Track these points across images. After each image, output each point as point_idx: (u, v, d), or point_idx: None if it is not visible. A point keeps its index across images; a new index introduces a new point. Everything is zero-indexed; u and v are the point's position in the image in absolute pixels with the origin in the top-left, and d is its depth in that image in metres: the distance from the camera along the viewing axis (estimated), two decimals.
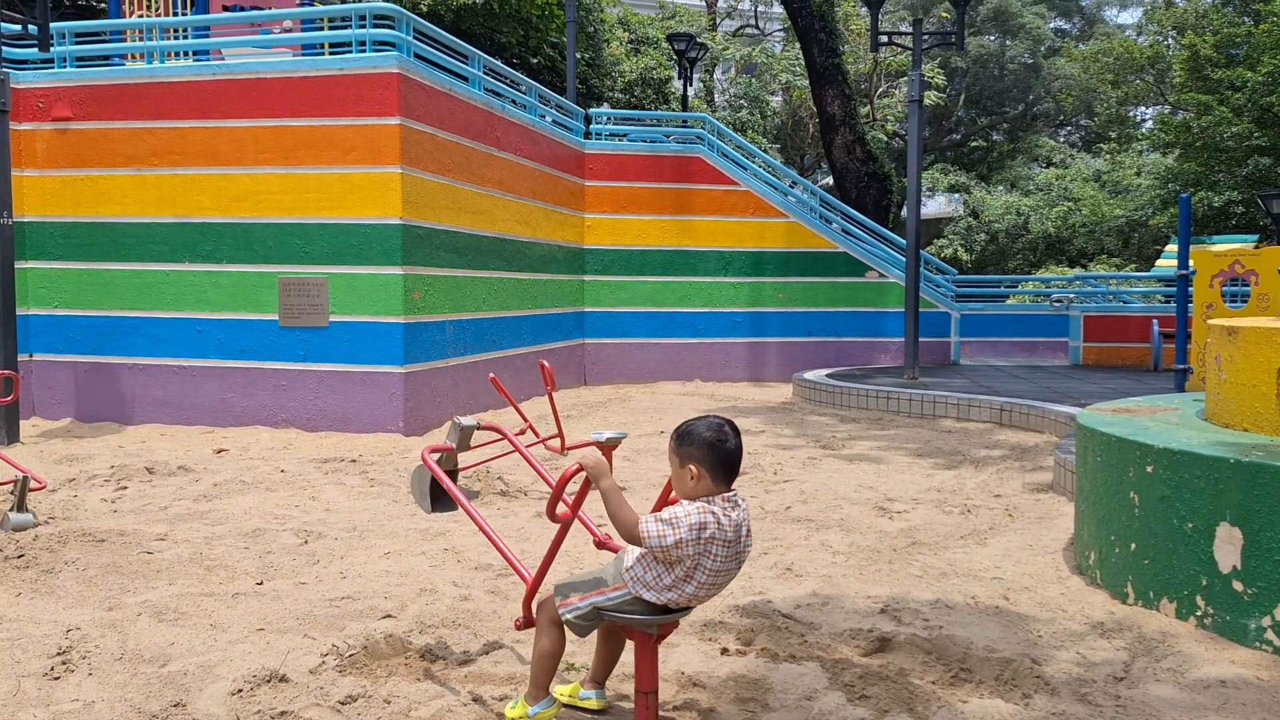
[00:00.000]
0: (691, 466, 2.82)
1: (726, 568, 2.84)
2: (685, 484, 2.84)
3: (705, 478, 2.82)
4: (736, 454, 2.85)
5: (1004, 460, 7.85)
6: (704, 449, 2.82)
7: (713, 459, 2.81)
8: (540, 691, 3.08)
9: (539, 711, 3.06)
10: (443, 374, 9.93)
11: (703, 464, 2.81)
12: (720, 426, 2.85)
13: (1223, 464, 3.76)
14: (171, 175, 9.52)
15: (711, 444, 2.81)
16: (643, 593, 2.87)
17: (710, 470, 2.81)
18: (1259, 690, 3.31)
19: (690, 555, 2.77)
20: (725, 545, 2.80)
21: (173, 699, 3.31)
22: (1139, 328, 15.53)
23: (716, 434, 2.83)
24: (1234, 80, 23.81)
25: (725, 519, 2.80)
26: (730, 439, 2.84)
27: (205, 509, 6.19)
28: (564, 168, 13.62)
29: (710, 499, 2.82)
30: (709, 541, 2.78)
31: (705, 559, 2.79)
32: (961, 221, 37.94)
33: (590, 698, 3.20)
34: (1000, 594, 4.40)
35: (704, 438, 2.82)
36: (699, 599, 2.88)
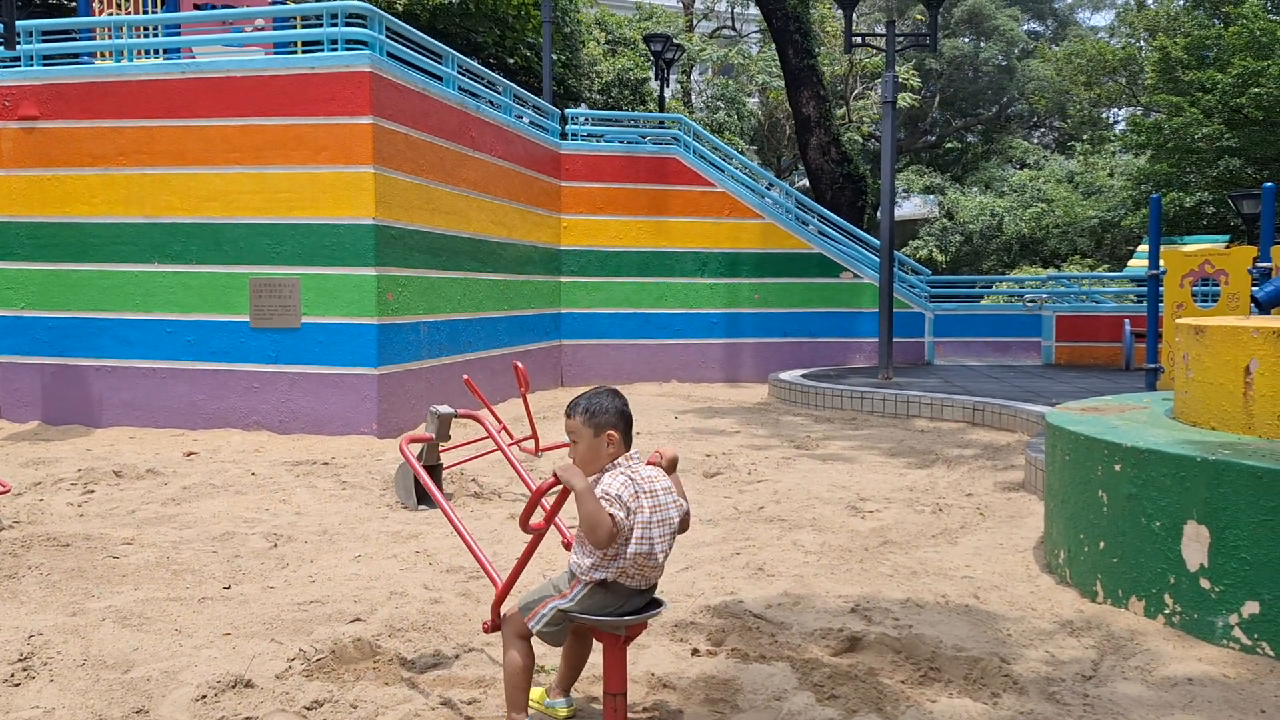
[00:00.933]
0: (610, 433, 2.96)
1: (656, 519, 2.87)
2: (601, 453, 2.95)
3: (619, 442, 2.97)
4: (628, 409, 3.04)
5: (976, 459, 7.88)
6: (616, 416, 2.98)
7: (624, 424, 2.99)
8: (516, 710, 3.02)
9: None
10: (417, 376, 9.88)
11: (617, 430, 2.97)
12: (615, 392, 3.04)
13: (1189, 462, 3.78)
14: (140, 175, 9.41)
15: (619, 410, 2.99)
16: (595, 575, 2.87)
17: (621, 434, 2.98)
18: (1226, 688, 3.33)
19: (635, 517, 2.85)
20: (650, 496, 2.88)
21: (135, 705, 3.26)
22: (1111, 327, 15.66)
23: (619, 400, 3.01)
24: (1204, 82, 24.08)
25: (640, 475, 2.91)
26: (619, 397, 3.04)
27: (173, 512, 6.12)
28: (540, 168, 13.58)
29: (616, 462, 2.94)
30: (651, 495, 2.89)
31: (635, 515, 2.85)
32: (936, 223, 38.18)
33: (557, 706, 3.17)
34: (970, 593, 4.42)
35: (613, 406, 2.99)
36: (644, 564, 2.86)
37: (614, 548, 2.84)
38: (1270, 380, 4.12)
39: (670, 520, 2.92)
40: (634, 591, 2.93)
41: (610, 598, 2.91)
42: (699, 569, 4.85)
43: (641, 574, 2.89)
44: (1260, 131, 23.62)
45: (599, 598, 2.91)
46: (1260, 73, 22.72)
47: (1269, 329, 4.15)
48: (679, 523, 2.97)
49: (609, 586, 2.89)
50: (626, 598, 2.92)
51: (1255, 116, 23.31)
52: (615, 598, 2.91)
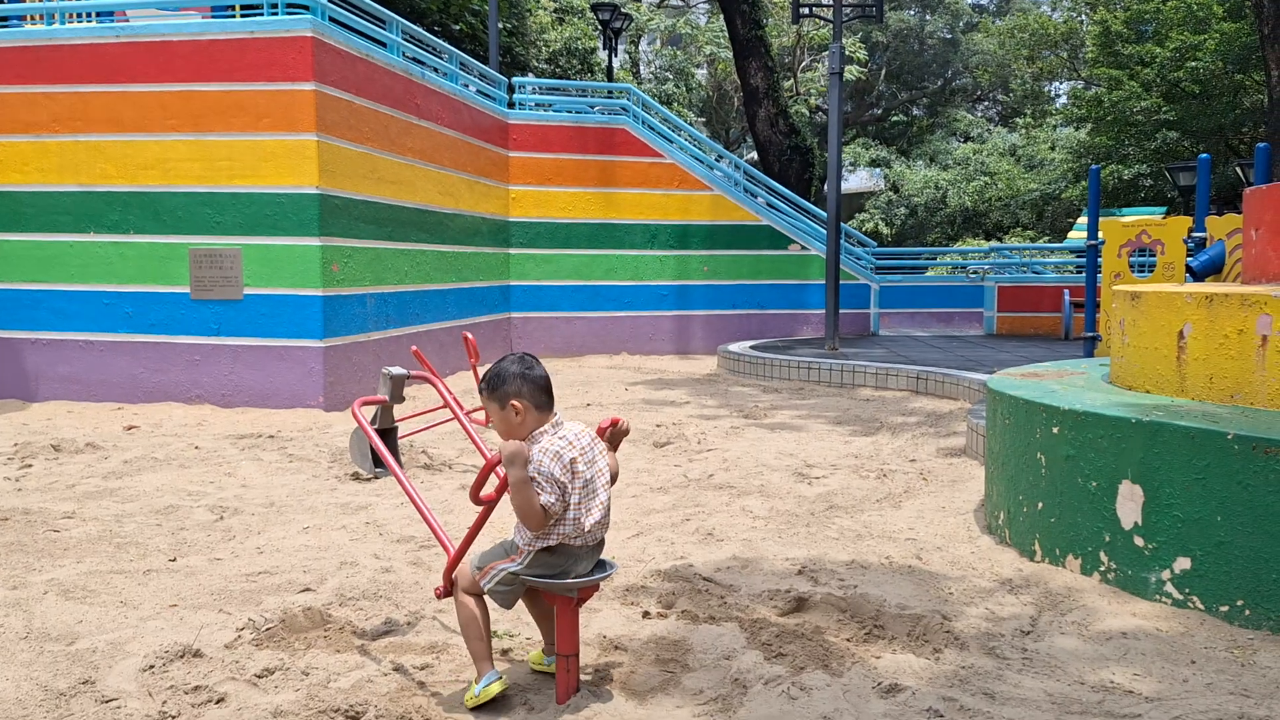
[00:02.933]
0: (514, 403, 2.88)
1: (589, 475, 2.89)
2: (512, 424, 2.90)
3: (529, 410, 2.89)
4: (546, 378, 2.94)
5: (919, 426, 8.03)
6: (519, 381, 2.89)
7: (529, 388, 2.89)
8: (483, 664, 2.99)
9: (484, 687, 2.95)
10: (364, 348, 9.78)
11: (521, 397, 2.88)
12: (522, 358, 2.96)
13: (1124, 424, 3.89)
14: (74, 142, 9.16)
15: (523, 375, 2.90)
16: (539, 545, 2.89)
17: (531, 400, 2.89)
18: (1158, 641, 3.45)
19: (569, 480, 2.85)
20: (581, 454, 2.88)
21: (81, 676, 3.22)
22: (1051, 297, 15.97)
23: (522, 365, 2.92)
24: (1143, 55, 24.52)
25: (566, 439, 2.88)
26: (535, 366, 2.94)
27: (115, 486, 6.02)
28: (487, 138, 13.45)
29: (543, 430, 2.89)
30: (585, 460, 2.88)
31: (584, 475, 2.87)
32: (882, 195, 38.53)
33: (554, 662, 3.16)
34: (913, 554, 4.51)
35: (514, 372, 2.90)
36: (584, 524, 2.87)
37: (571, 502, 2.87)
38: (1202, 344, 4.25)
39: (602, 473, 2.94)
40: (583, 549, 2.95)
41: (559, 558, 2.93)
42: (649, 535, 4.90)
43: (585, 534, 2.91)
44: (1197, 105, 24.14)
45: (548, 559, 2.93)
46: (1197, 47, 23.19)
47: (1202, 294, 4.27)
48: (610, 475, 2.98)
49: (556, 549, 2.92)
50: (577, 557, 2.95)
51: (1192, 90, 23.81)
52: (565, 558, 2.94)
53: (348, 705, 2.95)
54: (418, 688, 3.15)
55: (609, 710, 2.95)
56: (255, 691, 3.12)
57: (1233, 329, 4.13)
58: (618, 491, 5.85)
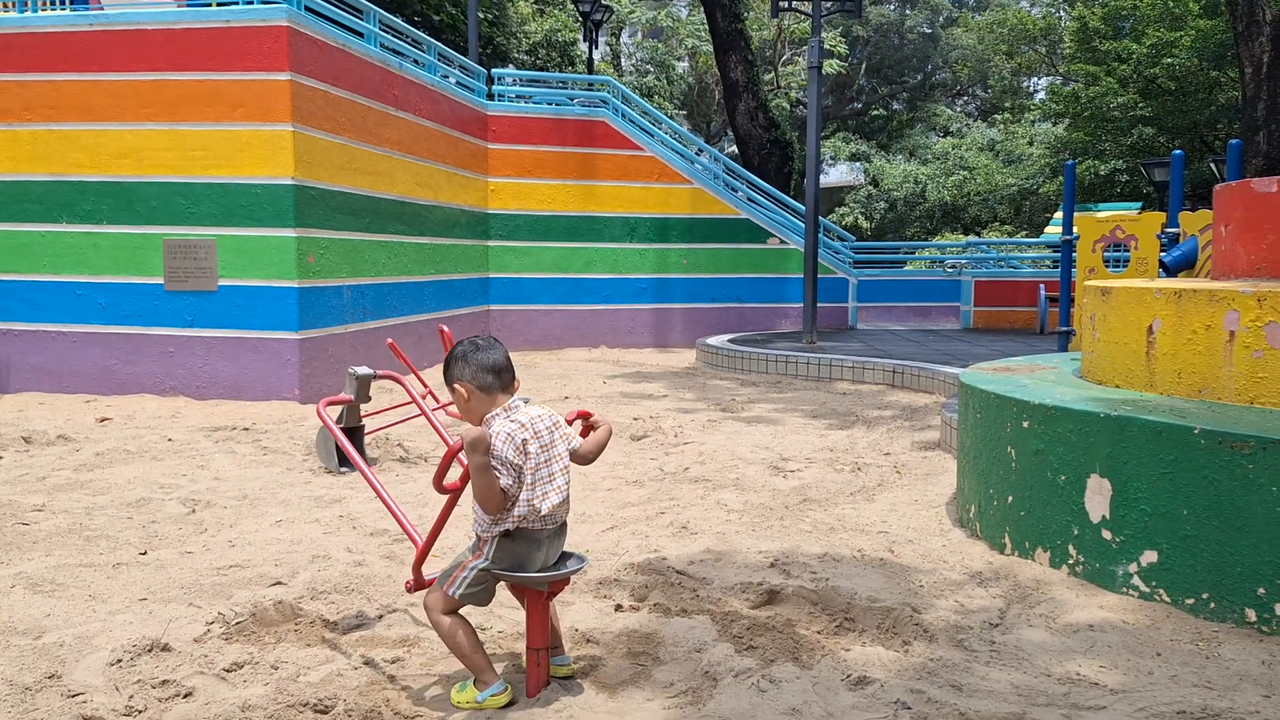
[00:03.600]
0: (458, 387, 2.90)
1: (544, 459, 2.88)
2: (464, 407, 2.93)
3: (476, 392, 2.89)
4: (497, 357, 2.92)
5: (894, 420, 8.07)
6: (461, 364, 2.90)
7: (473, 370, 2.88)
8: (483, 674, 2.95)
9: (489, 697, 2.93)
10: (340, 340, 9.73)
11: (463, 379, 2.89)
12: (474, 339, 2.96)
13: (1093, 418, 3.93)
14: (46, 131, 9.06)
15: (465, 356, 2.90)
16: (497, 529, 2.88)
17: (474, 382, 2.88)
18: (1124, 633, 3.49)
19: (519, 461, 2.84)
20: (535, 437, 2.86)
21: (48, 670, 3.19)
22: (1027, 292, 16.09)
23: (470, 347, 2.93)
24: (1120, 52, 24.67)
25: (519, 421, 2.86)
26: (487, 349, 2.92)
27: (86, 479, 5.97)
28: (466, 129, 13.39)
29: (495, 412, 2.88)
30: (535, 437, 2.86)
31: (537, 457, 2.86)
32: (862, 190, 38.65)
33: (554, 664, 3.13)
34: (885, 547, 4.54)
35: (458, 355, 2.92)
36: (539, 508, 2.86)
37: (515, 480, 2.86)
38: (1171, 340, 4.29)
39: (560, 457, 2.93)
40: (547, 534, 2.95)
41: (523, 545, 2.92)
42: (624, 528, 4.90)
43: (542, 518, 2.90)
44: (1173, 101, 24.33)
45: (510, 545, 2.91)
46: (1173, 43, 23.36)
47: (1171, 291, 4.31)
48: (569, 456, 2.97)
49: (516, 534, 2.90)
50: (538, 542, 2.94)
51: (1168, 86, 23.99)
52: (528, 544, 2.92)
53: (317, 699, 2.94)
54: (388, 681, 3.14)
55: (579, 703, 2.95)
56: (224, 686, 3.11)
57: (1201, 325, 4.17)
58: (593, 485, 5.86)
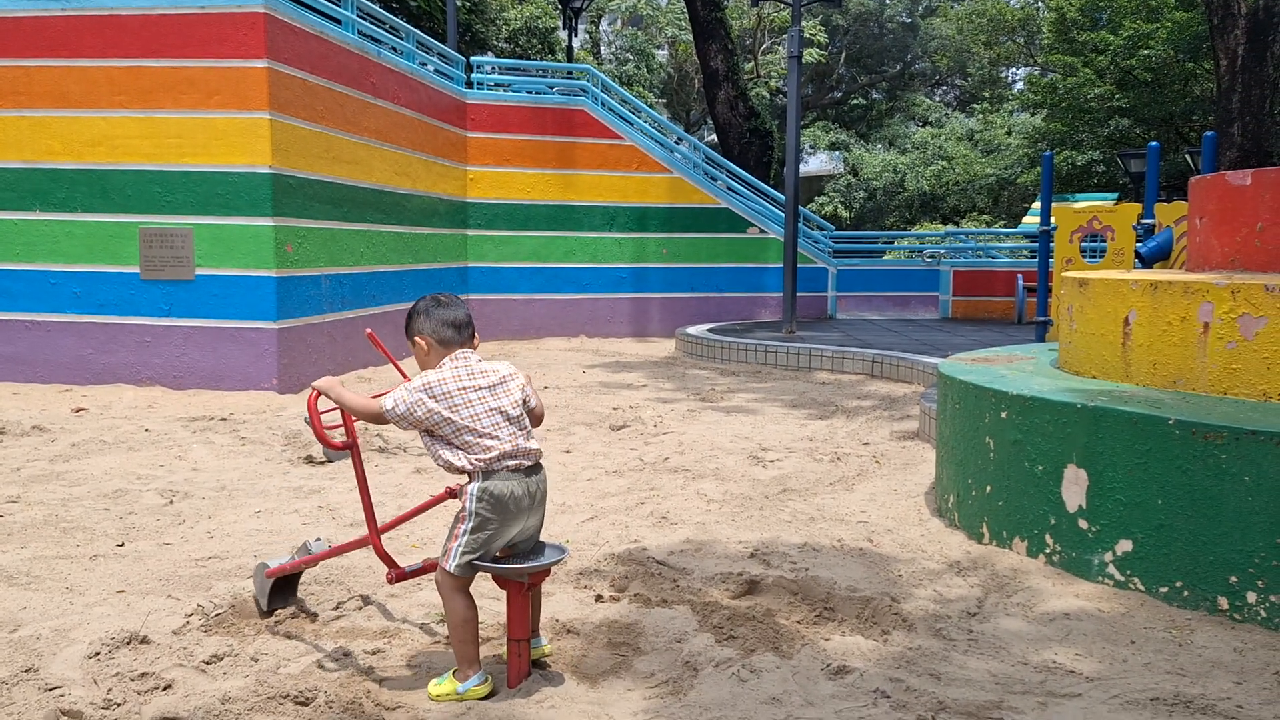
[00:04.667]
0: (418, 340, 3.05)
1: (497, 405, 2.96)
2: (423, 360, 3.07)
3: (434, 344, 3.03)
4: (456, 313, 3.05)
5: (874, 410, 8.11)
6: (423, 317, 3.04)
7: (433, 324, 3.02)
8: (468, 665, 2.96)
9: (470, 688, 2.92)
10: (319, 330, 9.67)
11: (423, 332, 3.03)
12: (435, 297, 3.10)
13: (1070, 409, 3.96)
14: (17, 117, 8.94)
15: (427, 310, 3.04)
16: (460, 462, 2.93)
17: (435, 334, 3.02)
18: (1100, 621, 3.53)
19: (443, 413, 2.91)
20: (478, 390, 2.96)
21: (24, 664, 3.17)
22: (1005, 282, 16.18)
23: (432, 302, 3.06)
24: (1097, 43, 24.80)
25: (463, 370, 2.97)
26: (448, 306, 3.06)
27: (62, 470, 5.92)
28: (445, 118, 13.32)
29: (442, 363, 3.01)
30: (460, 393, 2.93)
31: (468, 408, 2.93)
32: (841, 179, 38.73)
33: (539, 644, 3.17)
34: (865, 537, 4.57)
35: (419, 309, 3.06)
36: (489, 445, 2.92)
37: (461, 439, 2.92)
38: (1147, 331, 4.33)
39: (513, 401, 3.00)
40: (523, 485, 2.96)
41: (504, 495, 2.93)
42: (604, 519, 4.91)
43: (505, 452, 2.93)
44: (1149, 93, 24.50)
45: (495, 496, 2.92)
46: (1150, 35, 23.51)
47: (1147, 282, 4.35)
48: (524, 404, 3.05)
49: (492, 476, 2.92)
50: (520, 491, 2.95)
51: (1144, 78, 24.16)
52: (510, 495, 2.93)
53: (297, 691, 2.93)
54: (368, 672, 3.14)
55: (560, 693, 2.96)
56: (203, 678, 3.10)
57: (1176, 316, 4.21)
58: (573, 475, 5.87)
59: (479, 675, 2.96)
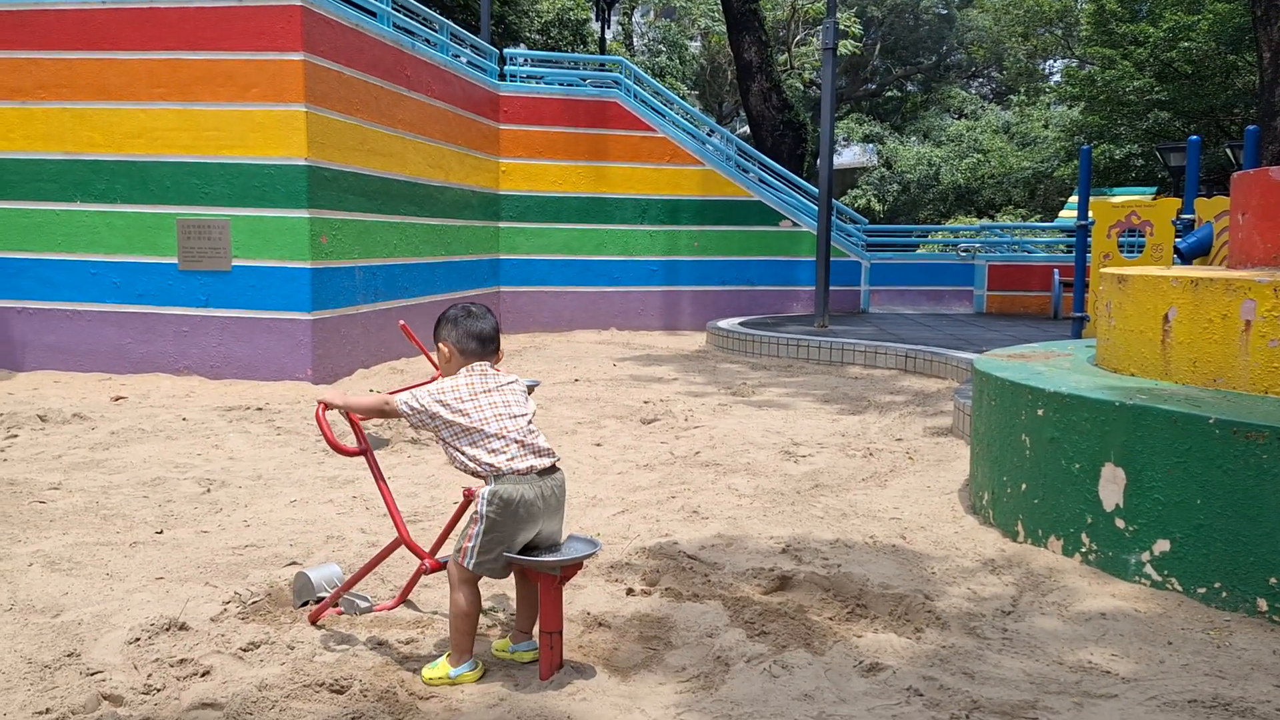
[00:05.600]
0: (443, 346, 3.13)
1: (508, 411, 3.03)
2: (445, 365, 3.14)
3: (456, 353, 3.10)
4: (483, 326, 3.11)
5: (906, 405, 8.06)
6: (450, 326, 3.11)
7: (458, 334, 3.09)
8: (462, 654, 3.04)
9: (461, 673, 3.01)
10: (352, 321, 9.75)
11: (449, 340, 3.11)
12: (467, 306, 3.17)
13: (1108, 407, 3.92)
14: (60, 110, 9.07)
15: (456, 319, 3.11)
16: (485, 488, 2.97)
17: (458, 344, 3.10)
18: (1136, 621, 3.49)
19: (454, 419, 2.98)
20: (489, 395, 3.03)
21: (66, 649, 3.23)
22: (1041, 277, 16.01)
23: (462, 312, 3.13)
24: (1137, 35, 24.42)
25: (476, 380, 3.05)
26: (477, 318, 3.12)
27: (102, 458, 6.01)
28: (478, 110, 13.36)
29: (459, 371, 3.09)
30: (471, 399, 3.00)
31: (479, 411, 2.99)
32: (875, 172, 38.45)
33: (521, 650, 3.18)
34: (898, 533, 4.55)
35: (449, 317, 3.13)
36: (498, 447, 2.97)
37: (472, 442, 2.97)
38: (1187, 328, 4.27)
39: (523, 410, 3.07)
40: (535, 488, 2.97)
41: (515, 499, 2.94)
42: (635, 512, 4.92)
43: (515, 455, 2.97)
44: (1189, 85, 24.09)
45: (504, 499, 2.94)
46: (1190, 27, 23.11)
47: (1187, 279, 4.29)
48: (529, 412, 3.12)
49: (503, 479, 2.94)
50: (531, 495, 2.96)
51: (1185, 70, 23.76)
52: (521, 500, 2.94)
53: (333, 679, 2.97)
54: (402, 662, 3.17)
55: (592, 686, 2.97)
56: (241, 665, 3.14)
57: (1217, 313, 4.15)
58: (604, 468, 5.88)
59: (470, 662, 3.05)
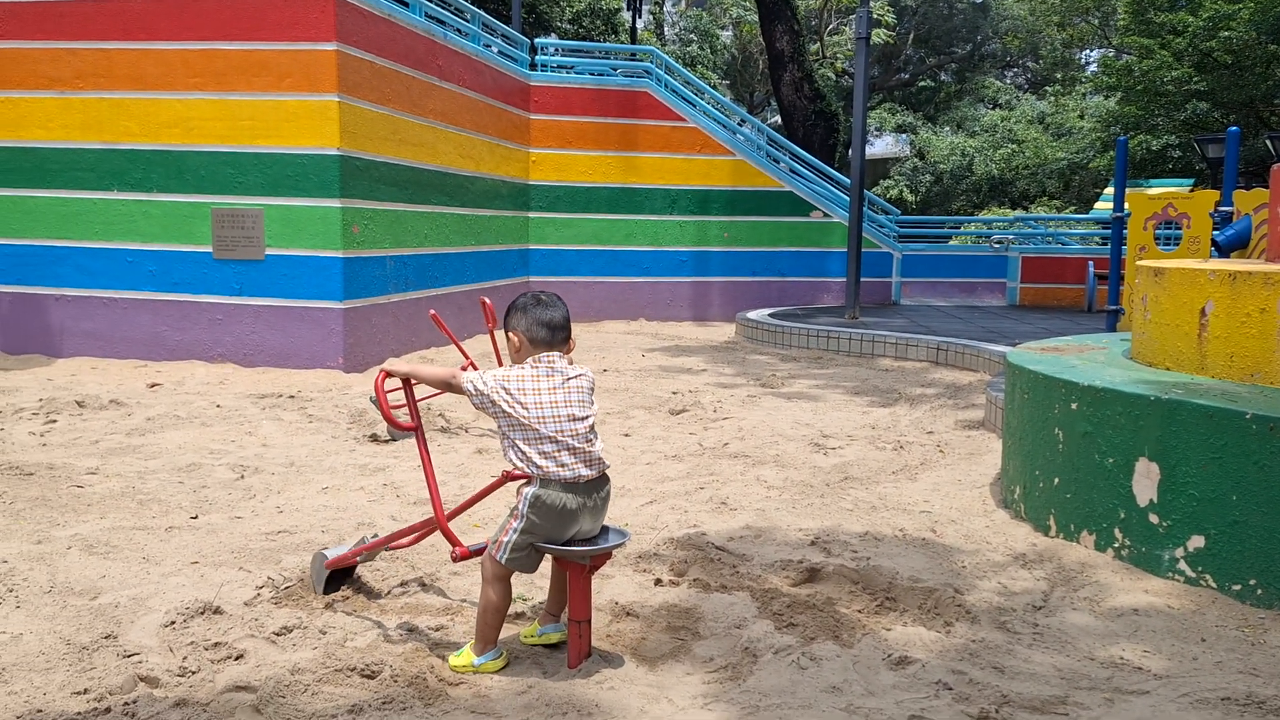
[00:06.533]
0: (512, 335, 3.08)
1: (569, 412, 2.98)
2: (513, 354, 3.11)
3: (525, 342, 3.06)
4: (554, 314, 3.06)
5: (938, 398, 8.00)
6: (520, 314, 3.07)
7: (528, 322, 3.04)
8: (487, 644, 3.06)
9: (485, 662, 3.04)
10: (383, 310, 9.82)
11: (519, 328, 3.06)
12: (537, 295, 3.12)
13: (1143, 401, 3.87)
14: (97, 99, 9.18)
15: (525, 308, 3.07)
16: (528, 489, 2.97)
17: (528, 333, 3.05)
18: (1169, 618, 3.46)
19: (512, 410, 2.95)
20: (552, 394, 2.99)
21: (104, 631, 3.28)
22: (1075, 269, 15.83)
23: (533, 300, 3.09)
24: (1176, 24, 24.02)
25: (543, 372, 3.00)
26: (549, 303, 3.08)
27: (138, 443, 6.10)
28: (509, 100, 13.39)
29: (526, 361, 3.05)
30: (534, 393, 2.97)
31: (539, 409, 2.95)
32: (908, 162, 38.12)
33: (549, 632, 3.21)
34: (928, 527, 4.52)
35: (520, 305, 3.09)
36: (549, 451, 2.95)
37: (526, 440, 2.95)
38: (1224, 322, 4.21)
39: (578, 413, 3.01)
40: (577, 501, 2.97)
41: (554, 511, 2.95)
42: (663, 503, 4.93)
43: (565, 464, 2.95)
44: (1229, 76, 23.67)
45: (544, 510, 2.95)
46: (1231, 16, 22.70)
47: (1225, 272, 4.23)
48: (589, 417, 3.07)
49: (545, 499, 2.94)
50: (572, 511, 2.97)
51: (1224, 60, 23.34)
52: (559, 511, 2.95)
53: (364, 664, 3.00)
54: (431, 648, 3.20)
55: (620, 675, 2.99)
56: (274, 649, 3.18)
57: (1255, 307, 4.09)
58: (632, 459, 5.89)
59: (494, 651, 3.07)
